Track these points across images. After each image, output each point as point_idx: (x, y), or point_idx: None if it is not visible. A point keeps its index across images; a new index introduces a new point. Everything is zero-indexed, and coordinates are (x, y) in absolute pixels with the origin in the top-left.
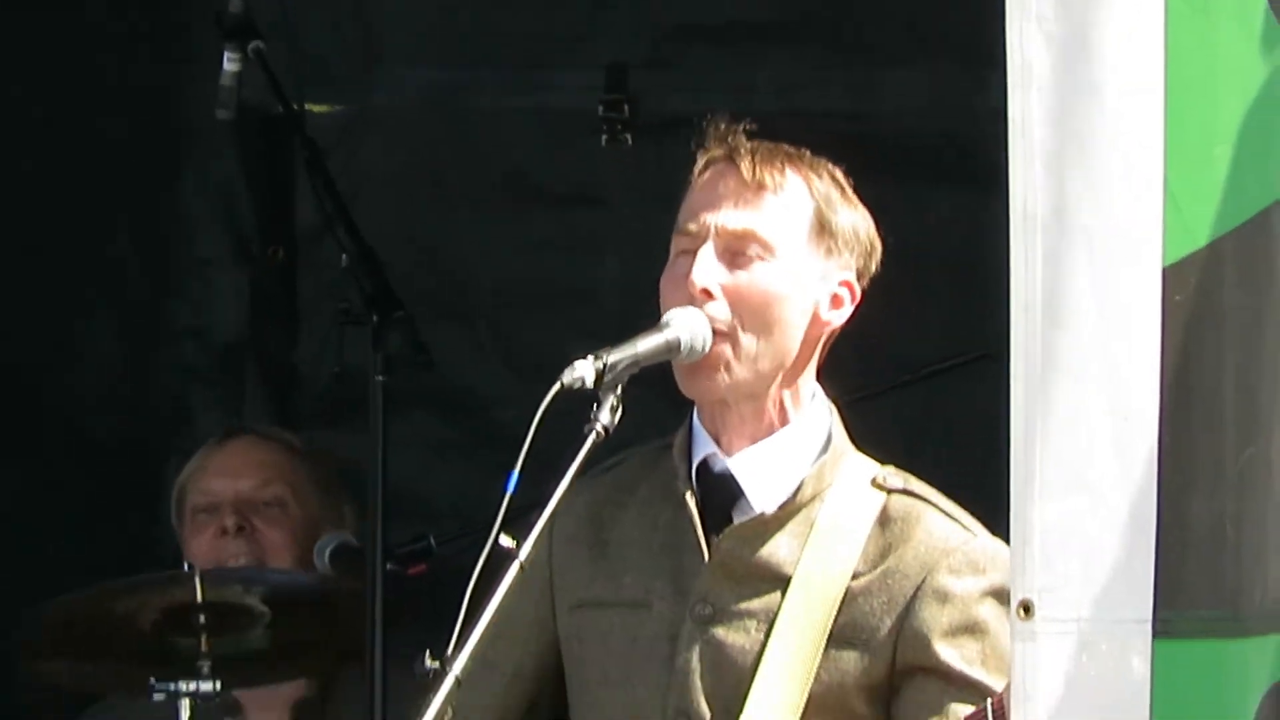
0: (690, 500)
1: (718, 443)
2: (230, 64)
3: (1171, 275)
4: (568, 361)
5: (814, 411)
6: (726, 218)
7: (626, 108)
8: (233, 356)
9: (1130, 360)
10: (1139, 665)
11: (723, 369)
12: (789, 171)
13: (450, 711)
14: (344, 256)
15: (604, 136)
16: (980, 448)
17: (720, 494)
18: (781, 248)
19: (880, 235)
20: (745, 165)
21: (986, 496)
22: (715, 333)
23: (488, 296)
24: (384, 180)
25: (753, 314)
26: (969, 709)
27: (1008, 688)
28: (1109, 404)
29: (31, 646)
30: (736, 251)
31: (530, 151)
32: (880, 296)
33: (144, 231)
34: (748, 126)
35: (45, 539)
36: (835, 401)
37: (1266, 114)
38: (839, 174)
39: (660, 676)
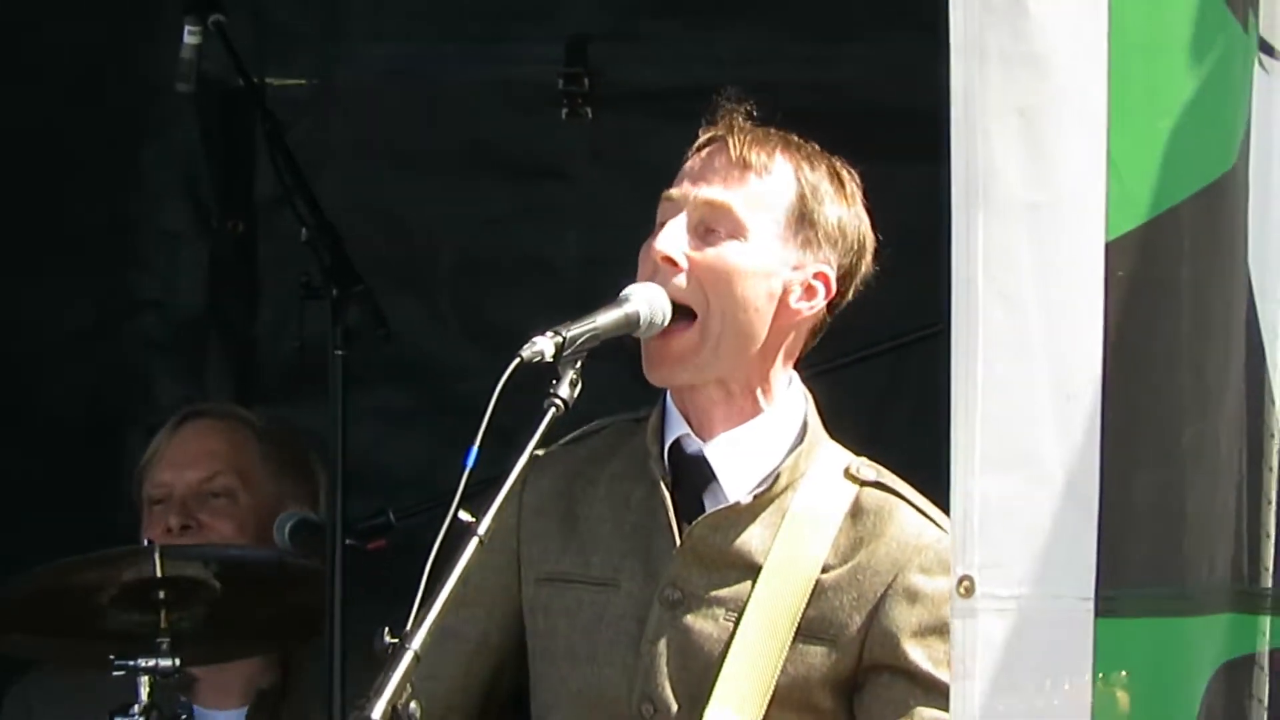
0: (663, 483)
1: (690, 424)
2: (190, 37)
3: (1114, 250)
4: (527, 334)
5: (789, 400)
6: (705, 191)
7: (587, 81)
8: (193, 329)
9: (1073, 335)
10: (1081, 644)
11: (690, 348)
12: (779, 156)
13: (410, 688)
14: (304, 230)
15: (564, 110)
16: (944, 421)
17: (693, 477)
18: (755, 229)
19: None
20: (734, 142)
21: (948, 471)
22: (678, 306)
23: (449, 269)
24: (346, 153)
25: (716, 290)
26: (934, 712)
27: None
28: (1051, 379)
29: None
30: (709, 227)
31: (491, 124)
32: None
33: (104, 204)
34: (749, 108)
35: (5, 512)
36: (812, 391)
37: (1209, 87)
38: (844, 170)
39: (627, 658)
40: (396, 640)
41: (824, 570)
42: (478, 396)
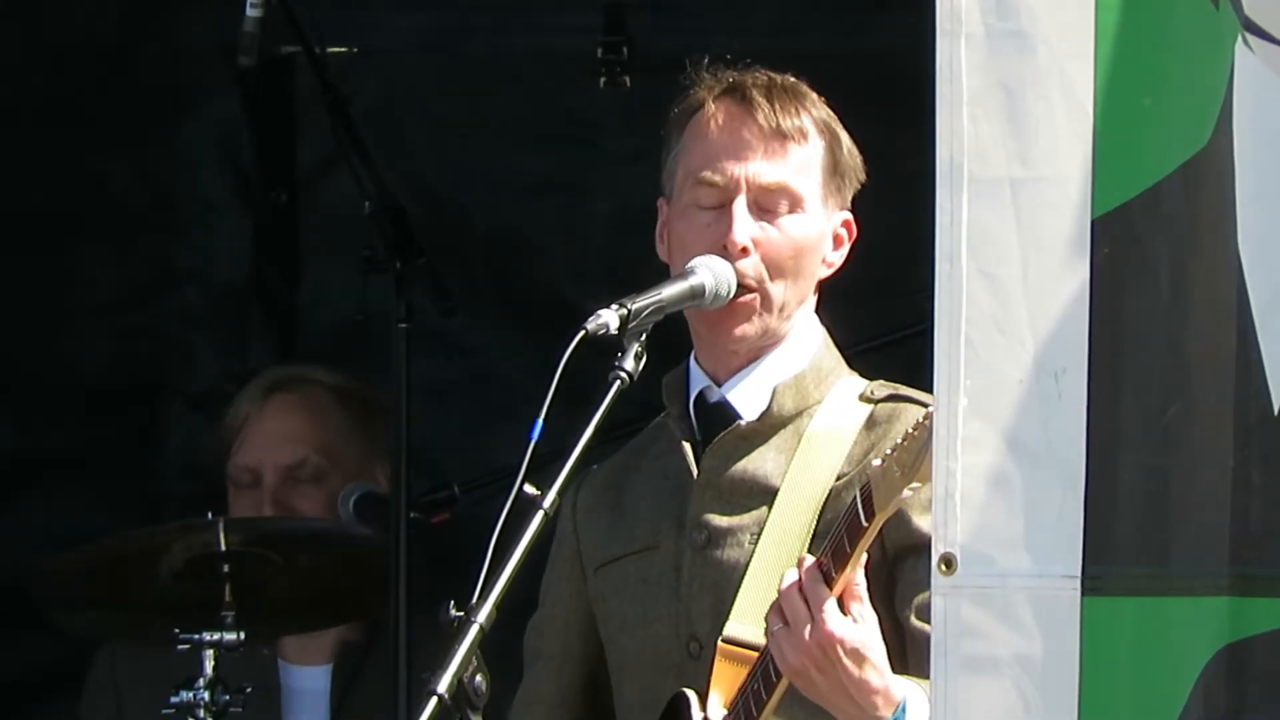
0: (681, 435)
1: (708, 375)
2: (253, 10)
3: (1100, 226)
4: (567, 304)
5: (802, 333)
6: (756, 170)
7: (625, 50)
8: (235, 299)
9: (1059, 313)
10: (1067, 622)
11: (754, 319)
12: (803, 115)
13: (476, 661)
14: (367, 203)
15: (602, 79)
16: None
17: (718, 423)
18: (808, 198)
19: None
20: (763, 113)
21: None
22: (744, 286)
23: (485, 238)
24: (381, 123)
25: (781, 266)
26: None
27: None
28: (1036, 357)
29: (55, 593)
30: (766, 206)
31: (527, 93)
32: (876, 243)
33: (145, 175)
34: (749, 63)
35: (47, 483)
36: (828, 328)
37: (1185, 64)
38: (817, 95)
39: (671, 608)
40: (462, 613)
41: (838, 479)
42: (514, 366)
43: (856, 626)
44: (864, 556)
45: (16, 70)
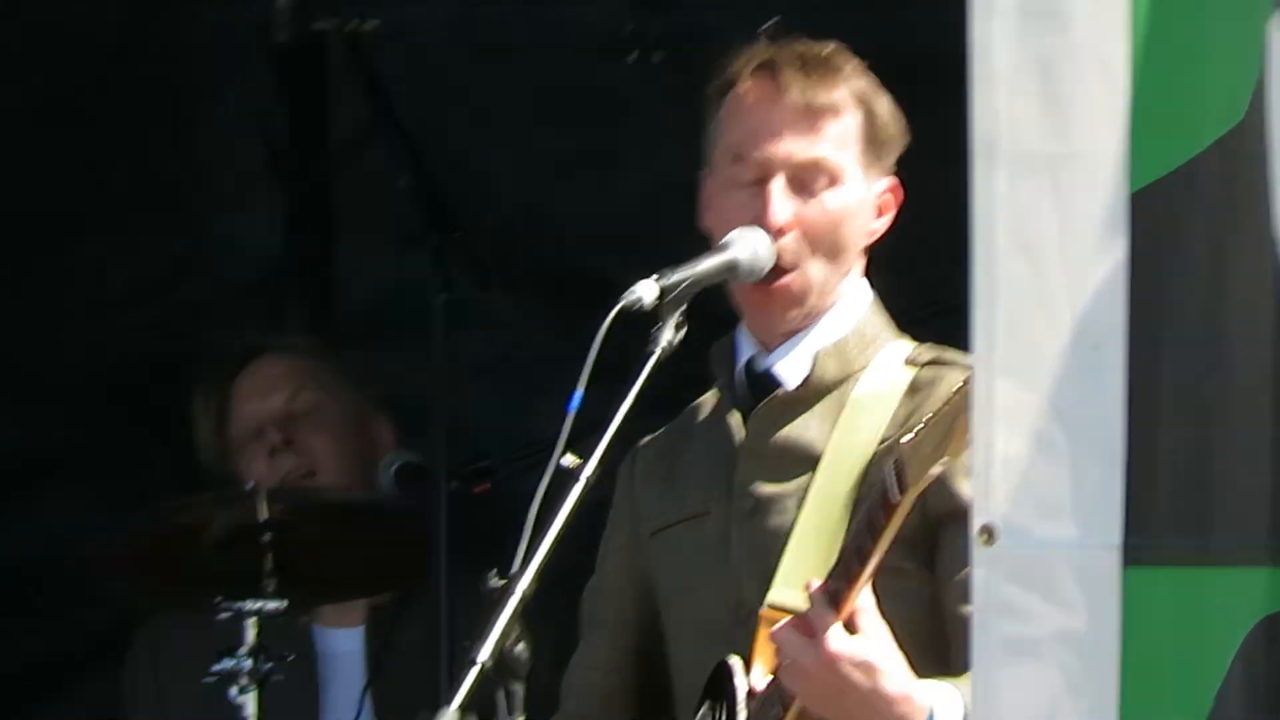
0: (729, 402)
1: (762, 344)
2: None
3: (1139, 200)
4: (596, 279)
5: (850, 299)
6: (790, 149)
7: (656, 25)
8: (269, 274)
9: (1097, 286)
10: (1108, 592)
11: (796, 304)
12: (837, 88)
13: (517, 629)
14: (402, 178)
15: (633, 54)
16: None
17: (765, 391)
18: (846, 170)
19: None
20: (796, 90)
21: None
22: (783, 267)
23: (515, 213)
24: (410, 97)
25: (821, 241)
26: None
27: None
28: (1074, 331)
29: (100, 565)
30: (803, 183)
31: (558, 68)
32: (908, 225)
33: (180, 150)
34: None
35: (82, 460)
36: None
37: (1225, 38)
38: (857, 60)
39: (720, 574)
40: (504, 582)
41: (881, 443)
42: (540, 340)
43: (858, 640)
44: (889, 541)
45: (51, 41)
